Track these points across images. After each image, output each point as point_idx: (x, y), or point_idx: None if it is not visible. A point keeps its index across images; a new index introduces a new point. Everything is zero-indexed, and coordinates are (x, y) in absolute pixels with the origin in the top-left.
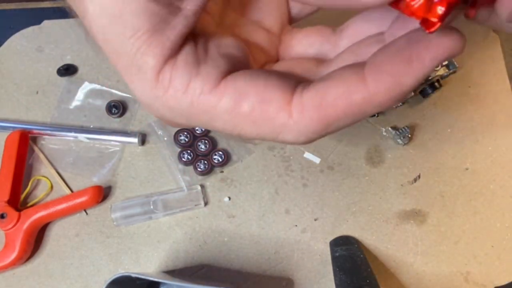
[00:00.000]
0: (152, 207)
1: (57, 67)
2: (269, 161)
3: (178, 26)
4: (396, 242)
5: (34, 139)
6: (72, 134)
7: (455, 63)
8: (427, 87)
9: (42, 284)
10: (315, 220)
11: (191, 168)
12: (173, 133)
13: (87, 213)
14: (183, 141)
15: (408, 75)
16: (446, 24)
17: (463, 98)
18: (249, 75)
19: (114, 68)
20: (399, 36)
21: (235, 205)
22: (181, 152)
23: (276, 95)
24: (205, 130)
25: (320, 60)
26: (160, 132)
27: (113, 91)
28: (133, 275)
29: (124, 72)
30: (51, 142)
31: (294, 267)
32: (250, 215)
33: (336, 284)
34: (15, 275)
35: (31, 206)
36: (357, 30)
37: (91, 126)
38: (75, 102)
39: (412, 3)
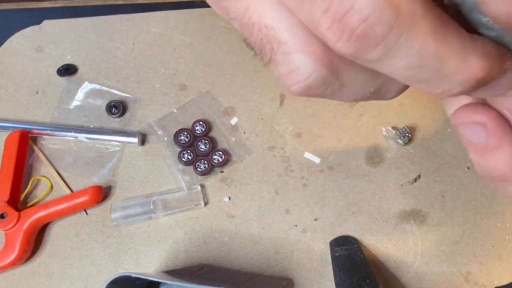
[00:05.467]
0: (152, 207)
1: (57, 67)
2: (269, 161)
3: None
4: (396, 242)
5: (34, 139)
6: (72, 134)
7: None
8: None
9: (42, 284)
10: (315, 220)
11: (191, 168)
12: (173, 133)
13: (87, 213)
14: (183, 141)
15: None
16: None
17: None
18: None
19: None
20: None
21: (235, 205)
22: (181, 152)
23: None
24: (205, 130)
25: None
26: (160, 132)
27: (113, 91)
28: (133, 275)
29: None
30: (51, 142)
31: (294, 267)
32: (250, 215)
33: (336, 284)
34: (15, 275)
35: (31, 206)
36: None
37: (91, 126)
38: (75, 102)
39: None
